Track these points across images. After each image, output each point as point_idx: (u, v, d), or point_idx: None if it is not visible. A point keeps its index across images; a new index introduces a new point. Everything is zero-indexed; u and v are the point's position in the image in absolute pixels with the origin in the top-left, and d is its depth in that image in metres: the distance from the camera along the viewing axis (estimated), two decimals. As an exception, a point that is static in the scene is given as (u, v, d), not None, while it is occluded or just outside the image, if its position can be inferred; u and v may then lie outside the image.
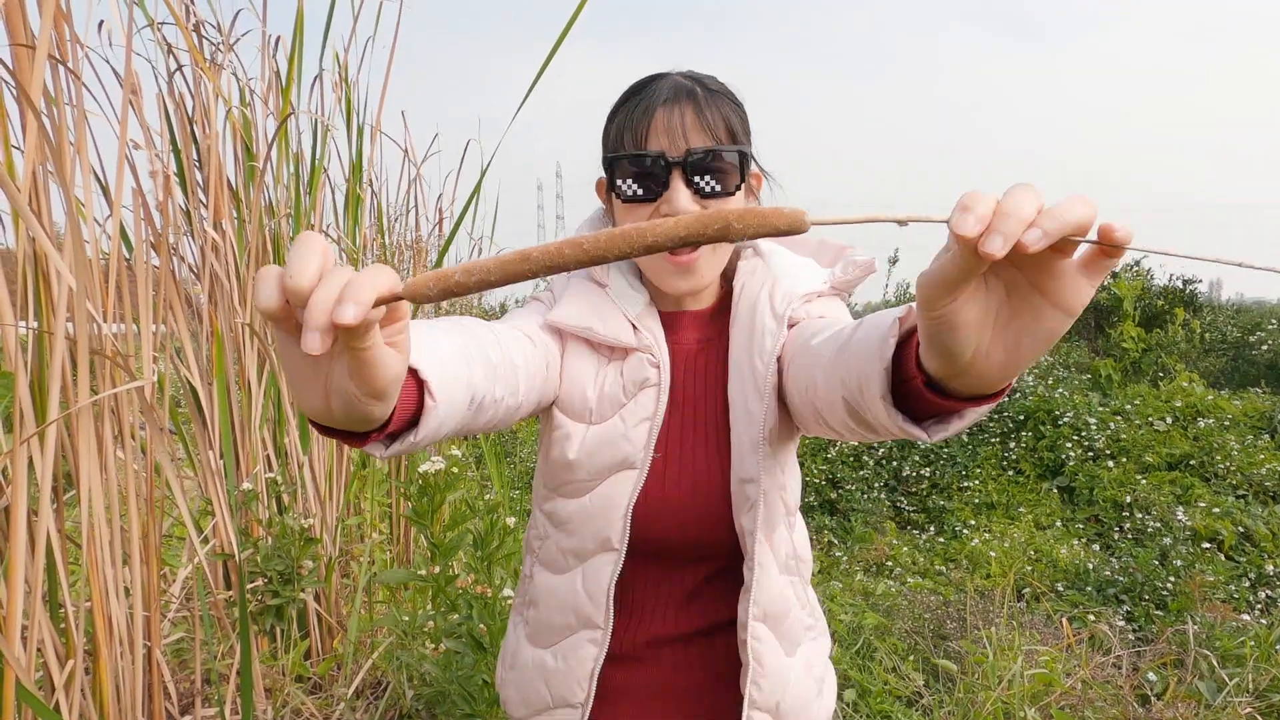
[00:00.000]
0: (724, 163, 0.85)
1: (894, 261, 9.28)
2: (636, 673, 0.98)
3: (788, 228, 0.42)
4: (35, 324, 1.43)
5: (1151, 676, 2.53)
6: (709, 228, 0.42)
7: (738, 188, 0.87)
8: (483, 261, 0.43)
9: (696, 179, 0.85)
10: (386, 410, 0.52)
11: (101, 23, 1.92)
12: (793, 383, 0.84)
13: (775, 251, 0.99)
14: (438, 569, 2.00)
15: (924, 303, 0.48)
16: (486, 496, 3.58)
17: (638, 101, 0.88)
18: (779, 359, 0.89)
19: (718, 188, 0.86)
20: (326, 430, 0.57)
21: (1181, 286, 11.43)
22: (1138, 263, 11.10)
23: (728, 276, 1.03)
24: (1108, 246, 0.44)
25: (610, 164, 0.89)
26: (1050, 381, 7.61)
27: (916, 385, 0.57)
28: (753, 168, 0.94)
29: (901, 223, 0.46)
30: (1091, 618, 3.49)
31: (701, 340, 0.97)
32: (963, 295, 0.47)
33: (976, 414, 0.58)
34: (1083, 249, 0.45)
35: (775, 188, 1.00)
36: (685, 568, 0.96)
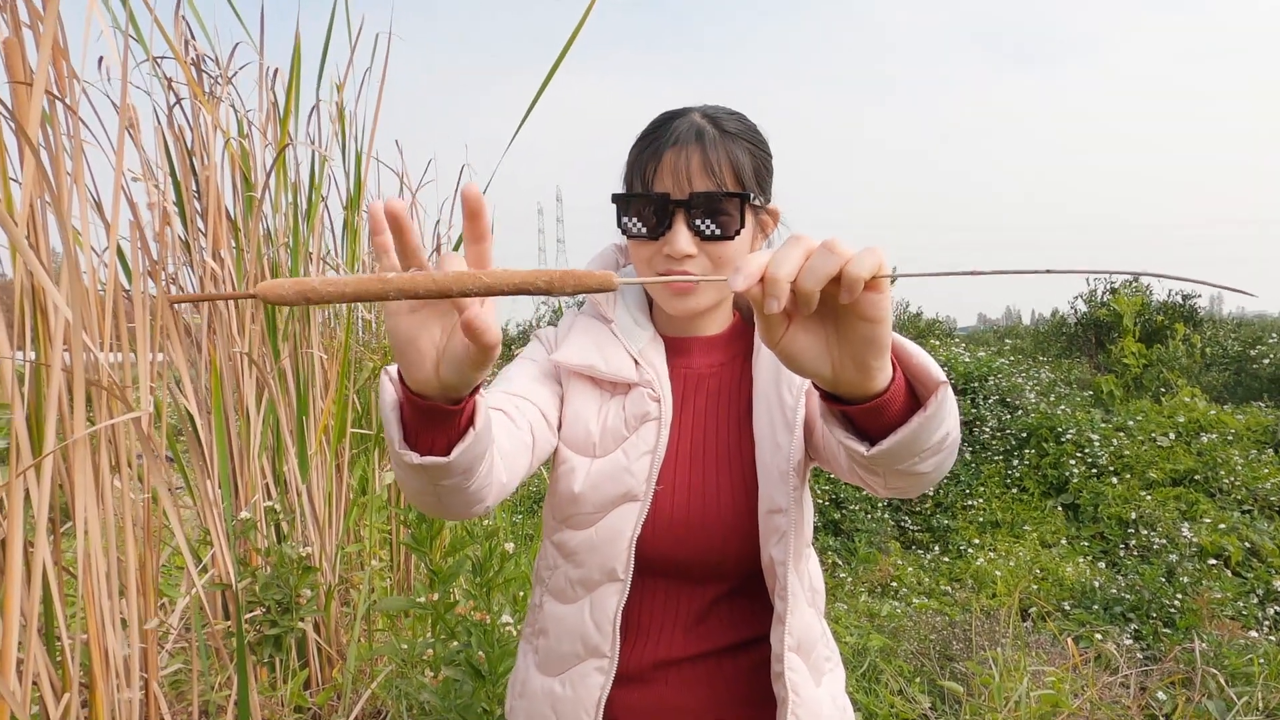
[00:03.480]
0: (726, 207, 0.87)
1: (893, 280, 9.34)
2: (642, 693, 0.98)
3: (598, 286, 0.50)
4: (33, 354, 1.43)
5: (1161, 696, 2.51)
6: (537, 281, 0.49)
7: (738, 232, 0.89)
8: (343, 278, 0.48)
9: (698, 222, 0.88)
10: (484, 374, 0.61)
11: (101, 59, 1.94)
12: (814, 416, 0.87)
13: None
14: (437, 596, 1.99)
15: (763, 341, 0.59)
16: (485, 522, 3.57)
17: (650, 142, 0.91)
18: (807, 391, 0.91)
19: (718, 231, 0.88)
20: (421, 410, 0.65)
21: (1181, 301, 11.44)
22: (1135, 279, 11.12)
23: (740, 304, 1.04)
24: (871, 280, 0.52)
25: (619, 201, 0.92)
26: (1052, 398, 7.59)
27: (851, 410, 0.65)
28: (770, 205, 0.96)
29: (697, 281, 0.58)
30: (1098, 636, 3.46)
31: (714, 365, 0.99)
32: (788, 331, 0.57)
33: (909, 426, 0.63)
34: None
35: (782, 227, 1.01)
36: (694, 590, 0.97)
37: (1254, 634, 3.55)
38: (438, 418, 0.66)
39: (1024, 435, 6.86)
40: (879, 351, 0.57)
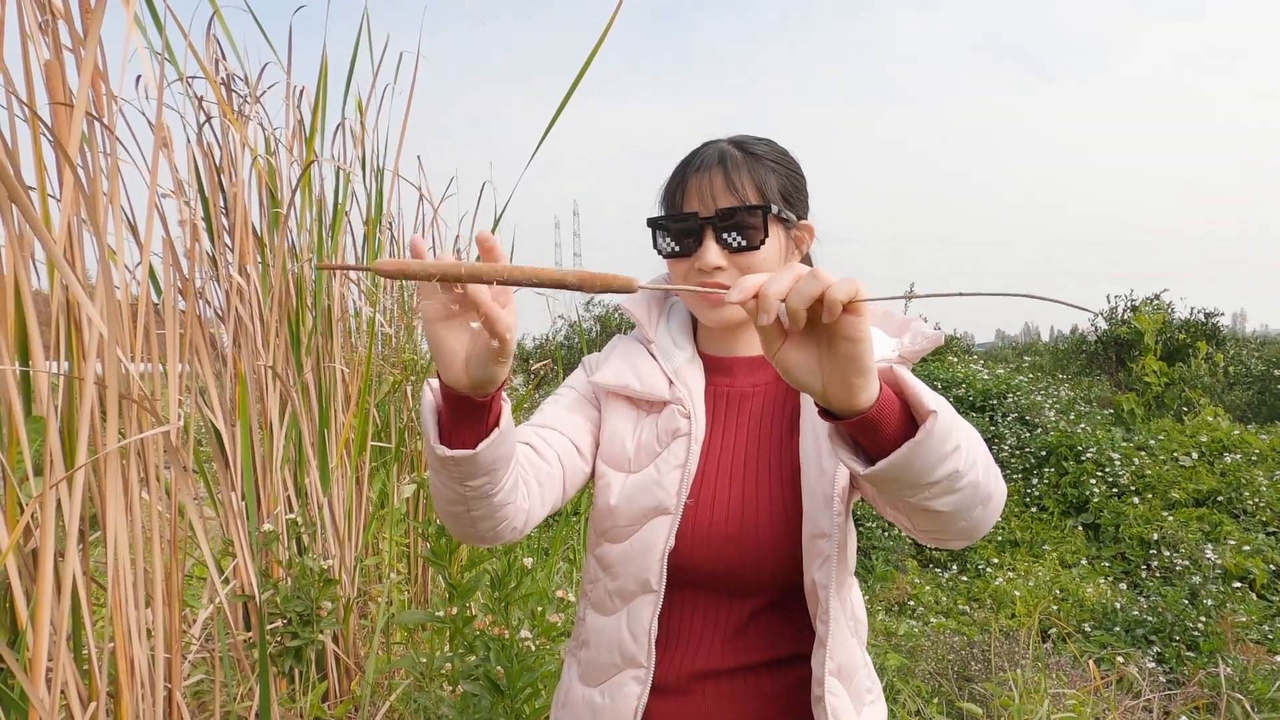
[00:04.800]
0: (749, 220, 0.94)
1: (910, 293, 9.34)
2: (680, 704, 0.99)
3: (620, 288, 0.61)
4: (66, 365, 1.46)
5: (1184, 721, 2.47)
6: (569, 278, 0.60)
7: (763, 242, 0.95)
8: (431, 262, 0.60)
9: (724, 235, 0.95)
10: (505, 369, 0.73)
11: (139, 77, 1.99)
12: None
13: None
14: (455, 610, 2.00)
15: (764, 352, 0.67)
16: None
17: (679, 169, 1.01)
18: None
19: (744, 242, 0.95)
20: (456, 405, 0.77)
21: (1204, 319, 11.31)
22: (1157, 296, 11.02)
23: None
24: (849, 305, 0.61)
25: (653, 225, 1.00)
26: (1072, 417, 7.52)
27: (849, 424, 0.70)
28: (804, 222, 1.02)
29: (697, 289, 0.76)
30: (1120, 659, 3.41)
31: (758, 384, 1.03)
32: (784, 347, 0.66)
33: (900, 451, 0.67)
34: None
35: (818, 244, 1.06)
36: (731, 601, 0.98)
37: (1280, 658, 3.49)
38: (469, 413, 0.76)
39: (1043, 453, 6.80)
40: (860, 370, 0.64)
